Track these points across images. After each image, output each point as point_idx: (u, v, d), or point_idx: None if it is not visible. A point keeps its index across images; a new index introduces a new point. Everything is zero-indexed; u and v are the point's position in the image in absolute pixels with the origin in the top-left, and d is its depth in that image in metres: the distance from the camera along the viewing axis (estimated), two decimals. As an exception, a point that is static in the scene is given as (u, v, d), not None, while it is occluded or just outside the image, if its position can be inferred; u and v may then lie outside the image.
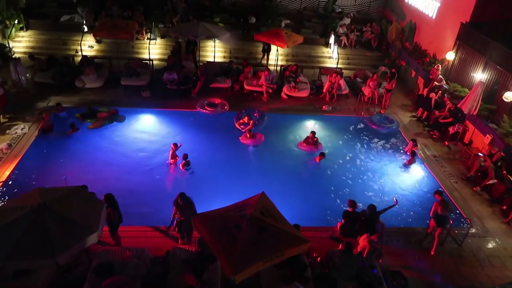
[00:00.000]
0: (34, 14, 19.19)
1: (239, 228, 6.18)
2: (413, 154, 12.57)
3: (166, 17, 19.32)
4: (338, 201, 10.85)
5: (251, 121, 13.26)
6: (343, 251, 8.11)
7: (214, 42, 18.20)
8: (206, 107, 14.35)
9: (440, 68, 15.76)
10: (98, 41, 18.45)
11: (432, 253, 9.45)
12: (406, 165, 12.58)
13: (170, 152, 11.49)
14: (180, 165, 11.46)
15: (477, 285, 8.76)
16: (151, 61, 16.87)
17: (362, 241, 8.79)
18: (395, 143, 13.79)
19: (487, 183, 11.53)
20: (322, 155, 12.27)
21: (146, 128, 13.62)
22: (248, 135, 12.92)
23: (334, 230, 9.64)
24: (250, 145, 12.91)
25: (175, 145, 11.51)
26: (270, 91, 15.88)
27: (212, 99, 14.81)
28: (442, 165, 12.82)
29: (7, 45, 17.14)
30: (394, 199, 9.78)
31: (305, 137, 13.08)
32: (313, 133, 12.84)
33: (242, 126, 13.35)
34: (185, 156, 11.44)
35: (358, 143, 13.66)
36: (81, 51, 16.87)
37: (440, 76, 15.55)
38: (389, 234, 9.70)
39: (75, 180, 10.08)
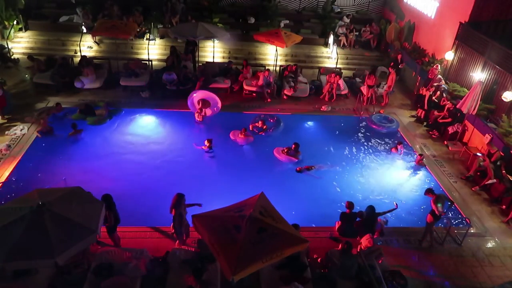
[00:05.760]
0: (33, 15, 19.20)
1: (238, 229, 6.18)
2: (421, 155, 12.60)
3: (165, 17, 19.32)
4: (338, 200, 10.82)
5: (265, 126, 13.57)
6: (342, 251, 8.11)
7: (213, 42, 18.21)
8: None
9: (439, 68, 15.78)
10: (97, 42, 18.45)
11: (432, 244, 9.59)
12: (416, 164, 12.56)
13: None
14: (203, 147, 12.31)
15: (477, 284, 8.76)
16: (150, 62, 16.87)
17: (365, 241, 8.80)
18: (395, 143, 13.75)
19: (486, 182, 11.53)
20: (309, 169, 12.02)
21: (145, 128, 13.60)
22: (242, 134, 12.93)
23: (333, 230, 9.66)
24: (240, 143, 12.91)
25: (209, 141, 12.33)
26: (269, 91, 15.88)
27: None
28: (441, 165, 12.83)
29: (6, 46, 17.13)
30: (395, 203, 9.77)
31: (287, 145, 12.44)
32: (296, 144, 12.31)
33: (255, 130, 13.51)
34: (210, 141, 12.26)
35: (357, 143, 13.66)
36: (80, 51, 16.87)
37: (439, 76, 15.57)
38: (388, 234, 9.73)
39: (74, 181, 10.08)
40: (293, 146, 12.29)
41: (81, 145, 12.26)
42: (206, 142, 12.33)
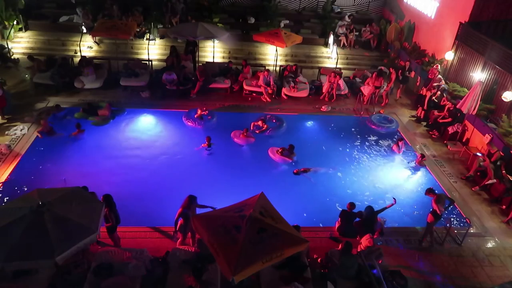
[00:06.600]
0: (33, 15, 19.20)
1: (238, 229, 6.17)
2: (423, 157, 12.58)
3: (165, 17, 19.33)
4: (338, 201, 10.82)
5: (265, 126, 13.56)
6: (342, 251, 8.11)
7: (213, 42, 18.21)
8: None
9: (439, 68, 15.78)
10: (97, 42, 18.46)
11: (432, 243, 9.62)
12: (416, 164, 12.57)
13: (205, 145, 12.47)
14: (203, 145, 12.38)
15: (477, 284, 8.76)
16: (150, 62, 16.87)
17: (365, 241, 8.81)
18: (395, 139, 13.72)
19: (486, 182, 11.54)
20: (306, 171, 11.94)
21: (145, 128, 13.60)
22: (244, 135, 12.94)
23: (333, 230, 9.66)
24: (241, 144, 12.92)
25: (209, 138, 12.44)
26: (270, 91, 15.88)
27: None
28: (441, 165, 12.83)
29: (6, 46, 17.13)
30: (393, 198, 9.78)
31: (282, 146, 12.35)
32: (291, 146, 12.21)
33: (255, 129, 13.52)
34: (209, 139, 12.33)
35: (357, 143, 13.66)
36: (80, 51, 16.87)
37: (439, 76, 15.56)
38: (388, 234, 9.72)
39: (74, 181, 10.07)
40: (288, 147, 12.25)
41: (81, 145, 12.25)
42: (205, 140, 12.41)
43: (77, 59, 16.72)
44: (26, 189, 10.20)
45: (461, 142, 13.83)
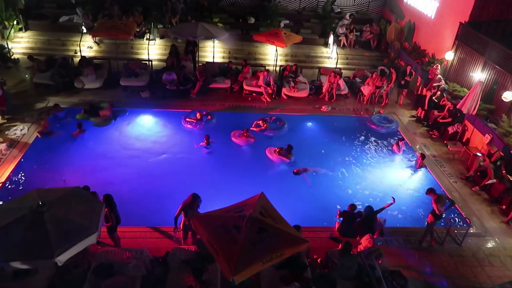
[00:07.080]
0: (33, 15, 19.20)
1: (238, 229, 6.16)
2: (423, 157, 12.53)
3: (165, 17, 19.33)
4: (338, 201, 10.83)
5: (265, 125, 13.61)
6: (342, 251, 8.11)
7: (213, 42, 18.21)
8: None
9: (439, 68, 15.78)
10: (97, 42, 18.46)
11: (432, 243, 9.61)
12: (417, 168, 12.53)
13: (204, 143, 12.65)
14: (202, 143, 12.53)
15: (477, 284, 8.76)
16: (150, 62, 16.87)
17: (365, 241, 8.81)
18: (396, 140, 13.71)
19: (486, 182, 11.54)
20: (306, 171, 11.93)
21: (145, 128, 13.60)
22: (244, 135, 12.95)
23: (333, 230, 9.66)
24: (240, 144, 12.93)
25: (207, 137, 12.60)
26: (270, 91, 15.88)
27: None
28: (441, 165, 12.83)
29: (6, 46, 17.13)
30: (392, 197, 9.78)
31: (279, 146, 12.38)
32: (290, 146, 12.19)
33: (255, 128, 13.58)
34: (207, 137, 12.48)
35: (357, 143, 13.66)
36: (80, 51, 16.87)
37: (439, 76, 15.56)
38: (388, 234, 9.73)
39: (74, 181, 10.08)
40: (287, 146, 12.23)
41: (81, 145, 12.25)
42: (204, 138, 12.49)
43: (77, 59, 16.73)
44: (26, 189, 10.20)
45: (461, 142, 13.83)
